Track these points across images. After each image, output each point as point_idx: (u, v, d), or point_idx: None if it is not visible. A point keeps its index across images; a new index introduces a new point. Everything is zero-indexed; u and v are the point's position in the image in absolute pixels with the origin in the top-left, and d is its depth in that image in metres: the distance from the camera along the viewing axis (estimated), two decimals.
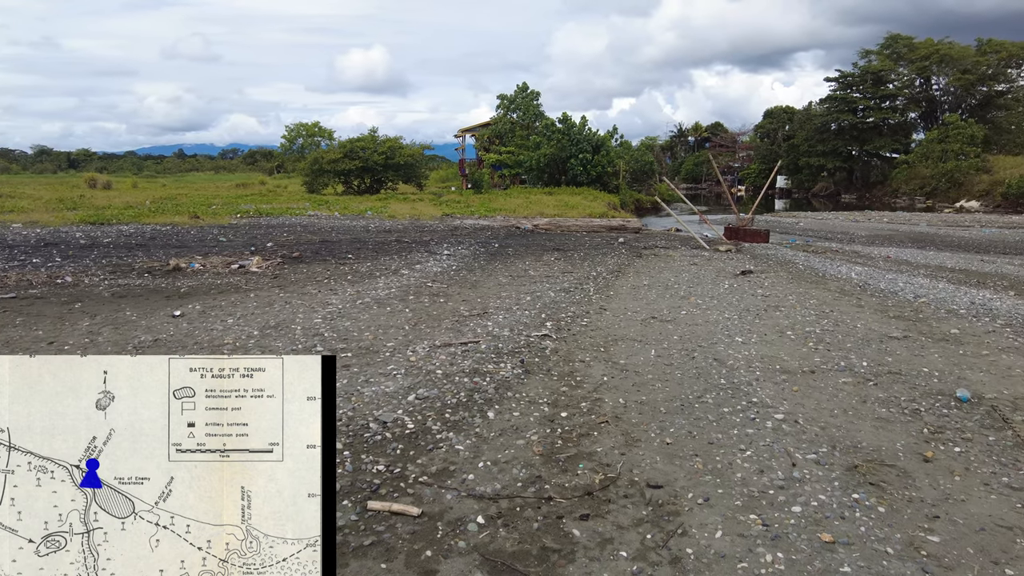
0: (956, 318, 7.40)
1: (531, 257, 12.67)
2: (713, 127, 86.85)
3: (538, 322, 7.00)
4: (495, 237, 16.46)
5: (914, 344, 6.20)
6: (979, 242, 19.73)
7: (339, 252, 12.70)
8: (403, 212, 22.98)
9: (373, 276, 9.94)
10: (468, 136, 45.34)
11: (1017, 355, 5.85)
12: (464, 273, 10.43)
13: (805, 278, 10.43)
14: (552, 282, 9.64)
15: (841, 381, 5.07)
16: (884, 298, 8.65)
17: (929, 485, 3.44)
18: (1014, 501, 3.27)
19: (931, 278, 10.83)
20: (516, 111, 41.92)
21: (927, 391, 4.87)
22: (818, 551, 2.84)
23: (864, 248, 16.97)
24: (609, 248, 14.64)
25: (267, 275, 10.00)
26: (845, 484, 3.43)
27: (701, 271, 11.04)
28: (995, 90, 51.69)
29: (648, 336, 6.47)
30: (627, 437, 4.04)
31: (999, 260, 14.43)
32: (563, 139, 35.70)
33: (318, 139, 56.55)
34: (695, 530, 3.00)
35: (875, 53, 54.22)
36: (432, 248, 13.71)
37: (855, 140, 53.56)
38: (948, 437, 4.05)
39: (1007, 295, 9.10)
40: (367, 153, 34.20)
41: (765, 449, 3.84)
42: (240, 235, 15.49)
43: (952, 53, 51.21)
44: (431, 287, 9.05)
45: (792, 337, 6.41)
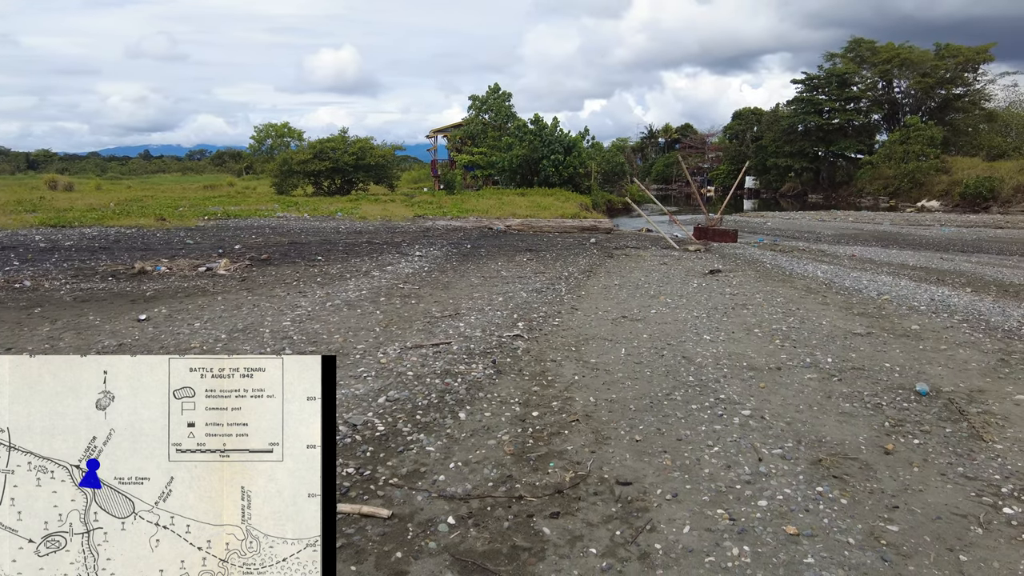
0: (917, 314, 7.60)
1: (503, 258, 12.68)
2: (683, 128, 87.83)
3: (510, 322, 7.01)
4: (467, 238, 16.44)
5: (877, 340, 6.35)
6: (939, 241, 20.29)
7: (308, 254, 12.57)
8: (374, 213, 22.83)
9: (343, 278, 9.86)
10: (440, 137, 45.21)
11: (973, 349, 6.03)
12: (436, 274, 10.41)
13: (772, 277, 10.62)
14: (524, 282, 9.66)
15: (806, 377, 5.17)
16: (849, 296, 8.85)
17: (889, 476, 3.53)
18: (968, 490, 3.37)
19: (894, 276, 11.10)
20: (488, 112, 41.97)
21: (889, 386, 5.00)
22: (783, 543, 2.90)
23: (830, 247, 17.32)
24: (581, 248, 14.72)
25: (235, 278, 9.85)
26: (809, 477, 3.51)
27: (671, 271, 11.17)
28: (953, 93, 53.15)
29: (619, 335, 6.52)
30: (597, 435, 4.08)
31: (957, 258, 14.85)
32: (535, 140, 35.81)
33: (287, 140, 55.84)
34: (663, 525, 3.04)
35: (839, 56, 55.40)
36: (403, 249, 13.65)
37: (821, 141, 54.62)
38: (908, 430, 4.16)
39: (964, 292, 9.37)
40: (337, 154, 33.92)
41: (732, 445, 3.90)
42: (208, 237, 15.24)
43: (912, 57, 52.55)
44: (402, 288, 9.01)
45: (759, 334, 6.52)
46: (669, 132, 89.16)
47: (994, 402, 4.64)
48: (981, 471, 3.58)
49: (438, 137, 45.18)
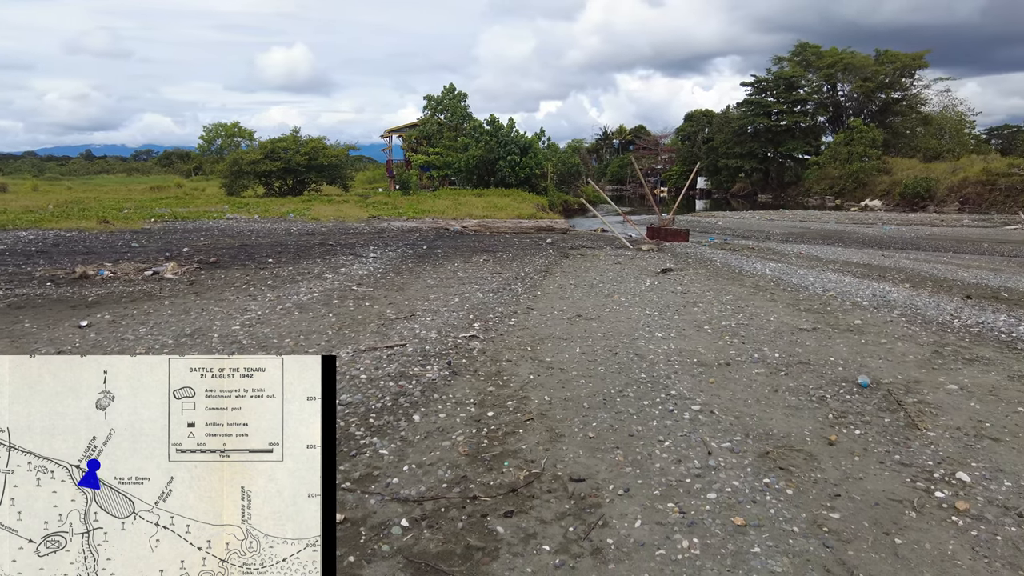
0: (860, 310, 7.88)
1: (460, 259, 12.65)
2: (637, 130, 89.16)
3: (466, 323, 7.00)
4: (423, 239, 16.35)
5: (822, 335, 6.56)
6: (880, 238, 21.09)
7: (259, 256, 12.30)
8: (327, 214, 22.49)
9: (295, 280, 9.69)
10: (395, 137, 44.82)
11: (911, 342, 6.29)
12: (391, 276, 10.32)
13: (722, 275, 10.86)
14: (481, 283, 9.66)
15: (754, 372, 5.31)
16: (796, 292, 9.12)
17: (832, 466, 3.65)
18: (904, 476, 3.52)
19: (839, 273, 11.49)
20: (443, 112, 41.82)
21: (833, 379, 5.17)
22: (731, 534, 2.97)
23: (778, 245, 17.82)
24: (537, 249, 14.79)
25: (183, 281, 9.58)
26: (757, 469, 3.60)
27: (625, 270, 11.32)
28: (892, 97, 55.38)
29: (573, 334, 6.58)
30: (552, 433, 4.11)
31: (897, 255, 15.47)
32: (491, 141, 35.84)
33: (238, 140, 54.57)
34: (615, 520, 3.08)
35: (787, 60, 57.12)
36: (357, 251, 13.48)
37: (770, 142, 56.19)
38: (850, 421, 4.31)
39: (903, 287, 9.76)
40: (289, 154, 33.31)
41: (683, 439, 3.98)
42: (154, 240, 14.77)
43: (854, 62, 54.54)
44: (356, 291, 8.90)
45: (709, 331, 6.67)
46: (623, 134, 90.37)
47: (928, 392, 4.85)
48: (915, 458, 3.74)
49: (393, 137, 44.78)
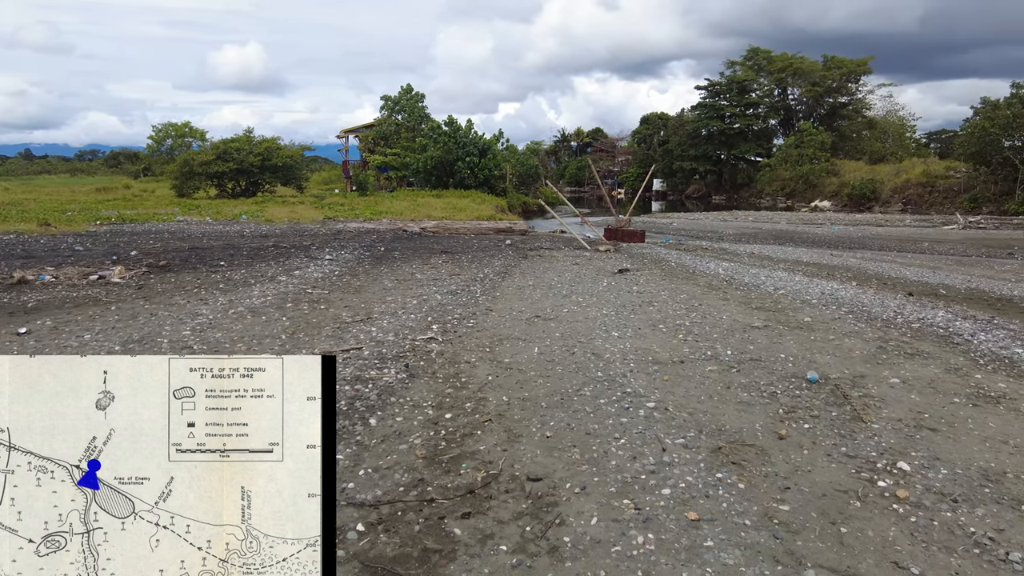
0: (809, 308, 8.12)
1: (418, 260, 12.57)
2: (594, 132, 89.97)
3: (424, 325, 6.96)
4: (381, 240, 16.19)
5: (773, 332, 6.74)
6: (829, 238, 21.76)
7: (211, 259, 12.00)
8: (281, 216, 22.09)
9: (248, 284, 9.49)
10: (351, 137, 44.30)
11: (857, 339, 6.50)
12: (347, 278, 10.19)
13: (677, 275, 11.05)
14: (439, 285, 9.62)
15: (708, 369, 5.42)
16: (748, 291, 9.34)
17: (782, 460, 3.75)
18: (850, 468, 3.64)
19: (789, 271, 11.81)
20: (401, 112, 41.50)
21: (783, 375, 5.31)
22: (685, 529, 3.03)
23: (731, 245, 18.22)
24: (496, 250, 14.80)
25: (131, 286, 9.28)
26: (710, 465, 3.68)
27: (582, 270, 11.42)
28: (839, 101, 57.21)
29: (532, 334, 6.61)
30: (509, 433, 4.11)
31: (845, 254, 15.99)
32: (449, 142, 35.73)
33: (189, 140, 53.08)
34: (572, 519, 3.11)
35: (739, 64, 58.44)
36: (313, 253, 13.27)
37: (723, 145, 57.39)
38: (799, 415, 4.43)
39: (850, 285, 10.10)
40: (242, 154, 32.61)
41: (638, 436, 4.04)
42: (100, 243, 14.27)
43: (803, 67, 56.16)
44: (311, 294, 8.76)
45: (664, 330, 6.78)
46: (581, 136, 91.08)
47: (873, 386, 5.03)
48: (860, 449, 3.87)
49: (349, 137, 44.26)
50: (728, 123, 56.81)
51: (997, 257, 16.34)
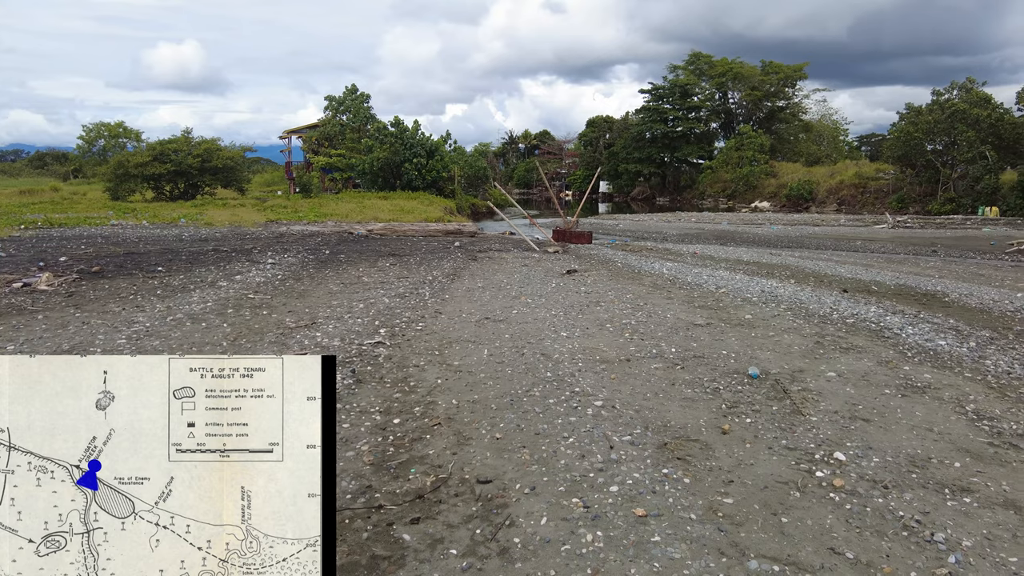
0: (750, 305, 8.36)
1: (365, 263, 12.40)
2: (541, 135, 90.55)
3: (371, 330, 6.86)
4: (326, 243, 15.90)
5: (715, 330, 6.91)
6: (768, 238, 22.49)
7: (147, 265, 11.55)
8: (222, 219, 21.45)
9: (187, 290, 9.17)
10: (294, 138, 43.37)
11: (795, 335, 6.74)
12: (291, 282, 9.96)
13: (623, 275, 11.23)
14: (387, 288, 9.50)
15: (653, 367, 5.52)
16: (691, 290, 9.55)
17: (726, 454, 3.85)
18: (790, 460, 3.76)
19: (730, 271, 12.14)
20: (345, 113, 40.83)
21: (725, 371, 5.45)
22: (633, 525, 3.07)
23: (675, 246, 18.62)
24: (445, 252, 14.73)
25: (60, 293, 8.84)
26: (656, 461, 3.74)
27: (531, 272, 11.47)
28: (777, 105, 59.27)
29: (481, 336, 6.60)
30: (459, 436, 4.09)
31: (783, 253, 16.54)
32: (396, 143, 35.38)
33: (123, 140, 51.09)
34: (522, 519, 3.12)
35: (681, 68, 59.90)
36: (255, 257, 12.93)
37: (667, 148, 58.67)
38: (741, 410, 4.56)
39: (789, 283, 10.45)
40: (180, 156, 31.51)
41: (586, 435, 4.08)
42: (25, 249, 13.55)
43: (743, 72, 57.97)
44: (253, 299, 8.53)
45: (611, 329, 6.87)
46: (529, 138, 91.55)
47: (811, 380, 5.21)
48: (799, 442, 4.01)
49: (292, 138, 43.33)
50: (671, 126, 58.11)
51: (922, 255, 17.20)
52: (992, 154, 34.20)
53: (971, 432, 4.19)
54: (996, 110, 34.75)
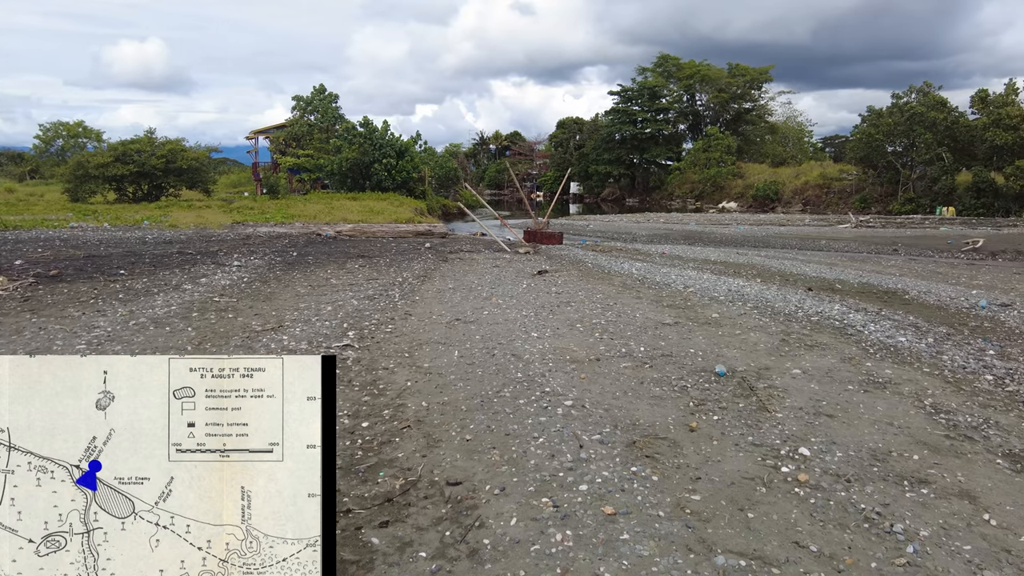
0: (717, 304, 8.47)
1: (333, 265, 12.27)
2: (512, 136, 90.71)
3: (339, 332, 6.79)
4: (293, 245, 15.69)
5: (683, 329, 6.99)
6: (735, 238, 22.84)
7: (109, 268, 11.27)
8: (187, 221, 21.03)
9: (150, 293, 8.97)
10: (261, 138, 42.74)
11: (761, 333, 6.85)
12: (257, 285, 9.81)
13: (593, 275, 11.29)
14: (356, 290, 9.41)
15: (622, 366, 5.56)
16: (659, 289, 9.65)
17: (694, 451, 3.90)
18: (756, 456, 3.82)
19: (698, 270, 12.30)
20: (313, 113, 40.35)
21: (693, 369, 5.52)
22: (602, 524, 3.09)
23: (644, 246, 18.80)
24: (415, 253, 14.65)
25: (15, 298, 8.57)
26: (625, 459, 3.77)
27: (502, 273, 11.48)
28: (743, 107, 60.27)
29: (452, 338, 6.57)
30: (429, 439, 4.07)
31: (749, 252, 16.82)
32: (365, 143, 35.07)
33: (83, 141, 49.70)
34: (492, 520, 3.11)
35: (650, 71, 60.54)
36: (220, 259, 12.70)
37: (636, 149, 59.25)
38: (709, 408, 4.62)
39: (755, 282, 10.62)
40: (144, 156, 30.79)
41: (556, 435, 4.09)
42: None
43: (710, 74, 58.82)
44: (218, 302, 8.38)
45: (581, 329, 6.90)
46: (499, 139, 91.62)
47: (777, 377, 5.31)
48: (765, 438, 4.07)
49: (259, 138, 42.70)
50: (640, 128, 58.68)
51: (884, 253, 17.65)
52: (948, 156, 35.24)
53: (929, 425, 4.31)
54: (951, 113, 35.84)
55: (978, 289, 10.33)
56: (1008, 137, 32.35)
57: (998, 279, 11.76)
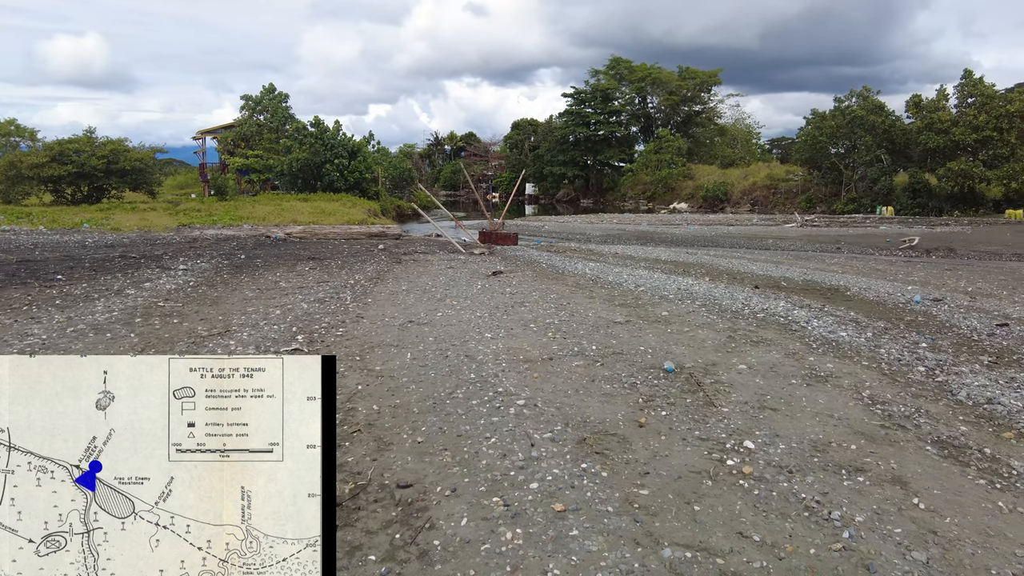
0: (666, 302, 8.63)
1: (283, 268, 12.03)
2: (467, 136, 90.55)
3: (288, 336, 6.67)
4: (242, 248, 15.33)
5: (634, 327, 7.10)
6: (686, 238, 23.30)
7: (45, 273, 10.80)
8: (130, 223, 20.33)
9: (90, 299, 8.63)
10: (209, 138, 41.63)
11: (709, 330, 7.01)
12: (204, 289, 9.55)
13: (547, 275, 11.37)
14: (306, 293, 9.26)
15: (574, 364, 5.62)
16: (612, 289, 9.78)
17: (642, 447, 3.96)
18: (702, 450, 3.91)
19: (649, 270, 12.50)
20: (263, 113, 39.48)
21: (643, 366, 5.61)
22: (552, 521, 3.11)
23: (598, 246, 19.02)
24: (368, 255, 14.49)
25: None
26: (576, 456, 3.81)
27: (457, 274, 11.45)
28: (693, 110, 61.56)
29: (404, 340, 6.53)
30: (379, 442, 4.04)
31: (699, 252, 17.18)
32: (316, 144, 34.50)
33: (15, 139, 47.41)
34: (442, 521, 3.10)
35: (602, 73, 61.27)
36: (165, 263, 12.32)
37: (589, 151, 59.86)
38: (657, 404, 4.70)
39: (704, 281, 10.86)
40: (83, 157, 29.65)
41: (508, 434, 4.10)
42: None
43: (661, 77, 59.86)
44: (163, 307, 8.13)
45: (534, 329, 6.94)
46: (455, 140, 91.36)
47: (723, 372, 5.44)
48: (712, 432, 4.17)
49: (207, 139, 41.59)
50: (593, 130, 59.31)
51: (828, 251, 18.27)
52: (886, 158, 36.70)
53: (866, 416, 4.48)
54: (889, 117, 37.32)
55: (913, 285, 10.79)
56: (940, 140, 33.87)
57: (931, 275, 12.31)
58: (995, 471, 3.68)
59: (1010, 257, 17.05)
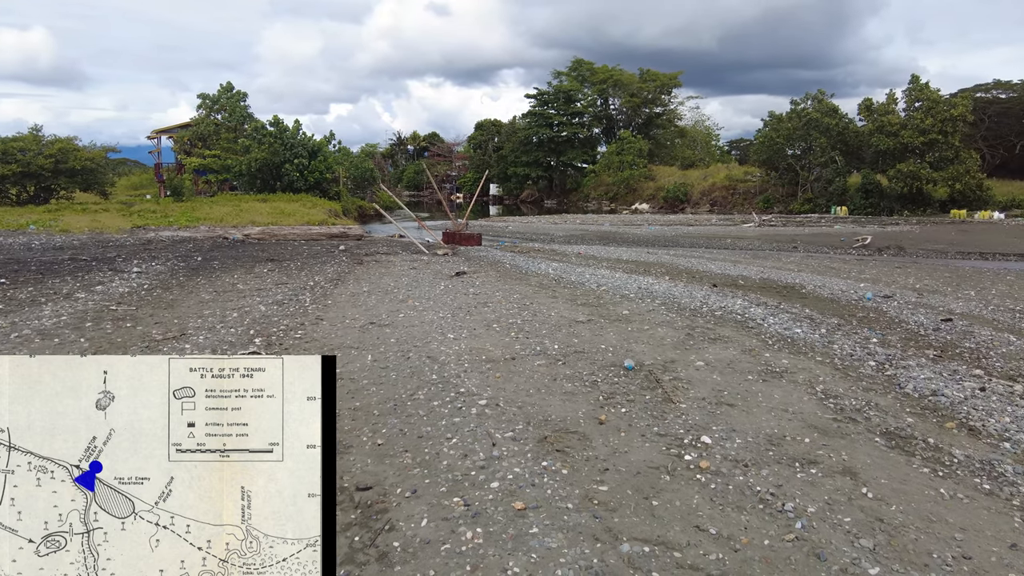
0: (627, 301, 8.73)
1: (241, 270, 11.80)
2: (430, 137, 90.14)
3: (246, 339, 6.54)
4: (198, 250, 14.98)
5: (595, 326, 7.16)
6: (647, 238, 23.60)
7: None
8: (80, 225, 19.69)
9: (36, 303, 8.33)
10: (165, 138, 40.54)
11: (668, 328, 7.11)
12: (158, 292, 9.30)
13: (511, 276, 11.39)
14: (264, 295, 9.09)
15: (536, 364, 5.64)
16: (574, 288, 9.85)
17: (602, 444, 4.00)
18: (661, 445, 3.97)
19: (611, 269, 12.63)
20: (220, 112, 38.62)
21: (603, 364, 5.66)
22: (512, 519, 3.12)
23: (561, 247, 19.13)
24: (329, 256, 14.31)
25: None
26: (536, 454, 3.82)
27: (420, 274, 11.39)
28: (654, 112, 62.40)
29: (365, 342, 6.46)
30: (339, 445, 3.99)
31: (659, 252, 17.43)
32: (275, 143, 33.91)
33: None
34: (402, 523, 3.08)
35: (565, 74, 61.63)
36: (118, 266, 11.96)
37: (553, 152, 60.17)
38: (617, 401, 4.75)
39: (664, 280, 11.02)
40: (28, 156, 28.63)
41: (469, 434, 4.10)
42: None
43: (622, 79, 60.52)
44: (115, 311, 7.89)
45: (497, 329, 6.95)
46: (418, 140, 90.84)
47: (682, 369, 5.53)
48: (670, 428, 4.24)
49: (162, 138, 40.49)
50: (556, 131, 59.63)
51: (784, 250, 18.72)
52: (840, 159, 37.80)
53: (819, 410, 4.61)
54: (842, 120, 38.44)
55: (865, 282, 11.13)
56: (890, 143, 35.01)
57: (883, 273, 12.72)
58: (938, 460, 3.82)
59: (955, 255, 17.73)
